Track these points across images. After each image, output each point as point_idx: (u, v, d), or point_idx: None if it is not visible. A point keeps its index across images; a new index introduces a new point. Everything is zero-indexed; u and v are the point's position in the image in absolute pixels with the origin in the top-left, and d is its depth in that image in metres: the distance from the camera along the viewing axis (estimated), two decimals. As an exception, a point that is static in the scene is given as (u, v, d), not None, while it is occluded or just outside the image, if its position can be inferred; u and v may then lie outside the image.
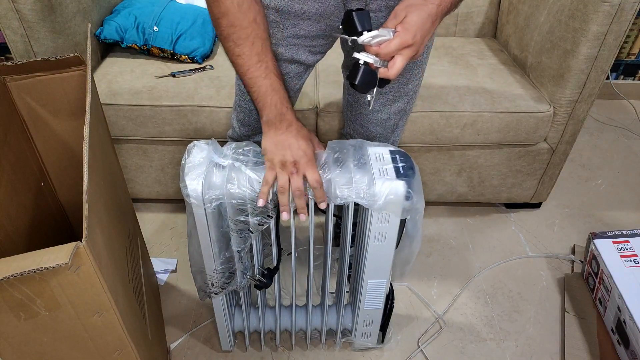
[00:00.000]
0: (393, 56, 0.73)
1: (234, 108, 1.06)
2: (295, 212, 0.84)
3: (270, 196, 0.82)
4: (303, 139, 0.83)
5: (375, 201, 0.81)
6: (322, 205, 0.83)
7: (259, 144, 1.07)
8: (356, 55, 0.74)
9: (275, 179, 0.81)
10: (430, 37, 0.82)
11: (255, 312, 1.13)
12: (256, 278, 0.97)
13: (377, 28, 0.72)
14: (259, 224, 0.85)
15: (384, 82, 0.77)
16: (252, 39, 0.78)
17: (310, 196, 0.83)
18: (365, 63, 0.73)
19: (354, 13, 0.72)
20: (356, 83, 0.74)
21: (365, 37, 0.71)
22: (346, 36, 0.75)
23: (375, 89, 0.76)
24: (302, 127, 0.85)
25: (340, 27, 0.76)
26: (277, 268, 0.96)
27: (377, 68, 0.74)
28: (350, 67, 0.75)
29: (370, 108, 1.00)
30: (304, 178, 0.81)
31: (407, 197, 0.81)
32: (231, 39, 0.78)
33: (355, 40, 0.73)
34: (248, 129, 1.05)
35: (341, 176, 0.83)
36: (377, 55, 0.73)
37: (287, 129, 0.83)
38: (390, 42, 0.71)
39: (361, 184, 0.82)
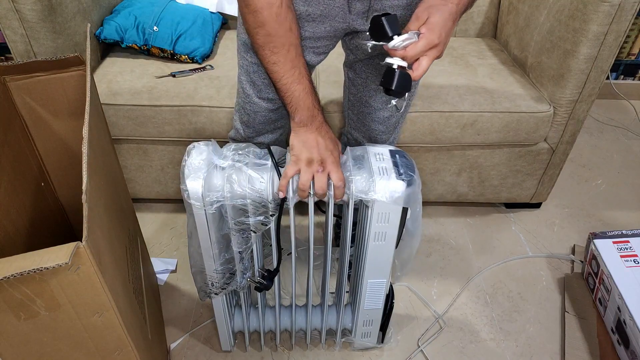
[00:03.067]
0: (417, 58, 0.73)
1: (237, 110, 1.06)
2: (298, 211, 0.84)
3: (271, 196, 0.82)
4: (330, 140, 0.86)
5: (375, 197, 0.81)
6: (339, 202, 0.86)
7: (259, 145, 1.08)
8: (389, 60, 0.74)
9: (295, 174, 0.83)
10: None
11: (255, 312, 1.13)
12: (256, 280, 0.97)
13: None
14: (261, 224, 0.85)
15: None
16: (287, 47, 0.80)
17: (311, 192, 0.83)
18: (399, 67, 0.74)
19: (383, 18, 0.72)
20: (393, 88, 0.74)
21: (396, 42, 0.71)
22: (374, 42, 0.75)
23: (407, 94, 0.77)
24: (330, 129, 0.88)
25: (367, 33, 0.76)
26: (277, 270, 0.96)
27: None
28: (384, 73, 0.76)
29: (401, 111, 1.01)
30: (328, 177, 0.83)
31: (408, 185, 0.82)
32: (267, 48, 0.79)
33: (376, 45, 0.73)
34: (252, 130, 1.05)
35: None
36: (403, 58, 0.73)
37: (317, 129, 0.85)
38: (416, 44, 0.72)
39: (361, 183, 0.82)
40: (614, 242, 1.28)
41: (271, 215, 0.85)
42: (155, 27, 1.40)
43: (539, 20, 1.35)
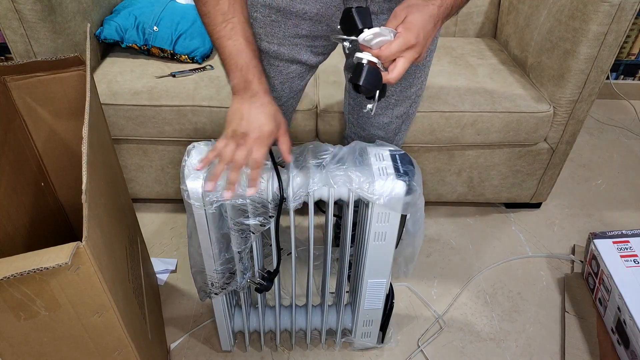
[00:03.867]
0: (394, 60, 0.70)
1: None
2: (298, 211, 0.84)
3: (270, 196, 0.82)
4: (264, 115, 0.77)
5: (376, 197, 0.81)
6: (249, 192, 0.79)
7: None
8: (359, 54, 0.70)
9: (224, 147, 0.78)
10: (433, 40, 0.80)
11: (255, 312, 1.13)
12: (256, 281, 0.97)
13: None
14: (260, 225, 0.85)
15: (383, 88, 0.73)
16: None
17: (311, 192, 0.83)
18: (369, 62, 0.69)
19: (353, 9, 0.68)
20: (360, 84, 0.69)
21: (366, 35, 0.67)
22: (344, 36, 0.71)
23: (377, 95, 0.72)
24: (271, 103, 0.79)
25: (339, 27, 0.73)
26: (277, 271, 0.96)
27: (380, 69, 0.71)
28: (353, 68, 0.72)
29: (372, 113, 0.98)
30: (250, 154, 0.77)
31: (408, 193, 0.81)
32: None
33: (353, 42, 0.71)
34: None
35: (342, 175, 0.83)
36: (377, 57, 0.69)
37: (251, 99, 0.78)
38: (391, 43, 0.68)
39: (362, 183, 0.82)
40: (614, 242, 1.28)
41: (270, 217, 0.85)
42: (155, 27, 1.40)
43: (539, 20, 1.35)
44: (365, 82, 0.69)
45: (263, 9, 0.85)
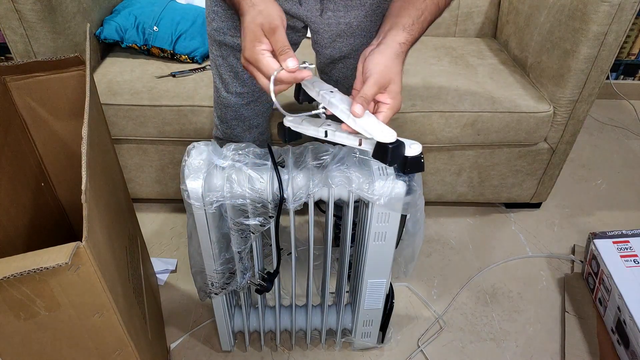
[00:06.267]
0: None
1: (214, 105, 1.06)
2: (298, 211, 0.84)
3: (270, 196, 0.82)
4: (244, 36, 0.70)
5: (376, 198, 0.81)
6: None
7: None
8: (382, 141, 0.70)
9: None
10: None
11: (255, 312, 1.13)
12: (257, 282, 0.97)
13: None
14: (260, 225, 0.85)
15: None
16: None
17: (311, 193, 0.83)
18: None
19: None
20: (387, 164, 0.72)
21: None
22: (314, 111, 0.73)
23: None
24: (246, 22, 0.70)
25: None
26: (277, 272, 0.96)
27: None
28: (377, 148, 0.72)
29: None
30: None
31: (408, 193, 0.81)
32: None
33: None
34: (227, 126, 1.04)
35: (342, 175, 0.83)
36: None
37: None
38: (385, 115, 0.70)
39: (362, 183, 0.82)
40: (614, 242, 1.28)
41: (270, 217, 0.85)
42: (155, 27, 1.40)
43: (539, 20, 1.35)
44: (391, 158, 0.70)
45: (223, 2, 0.84)
